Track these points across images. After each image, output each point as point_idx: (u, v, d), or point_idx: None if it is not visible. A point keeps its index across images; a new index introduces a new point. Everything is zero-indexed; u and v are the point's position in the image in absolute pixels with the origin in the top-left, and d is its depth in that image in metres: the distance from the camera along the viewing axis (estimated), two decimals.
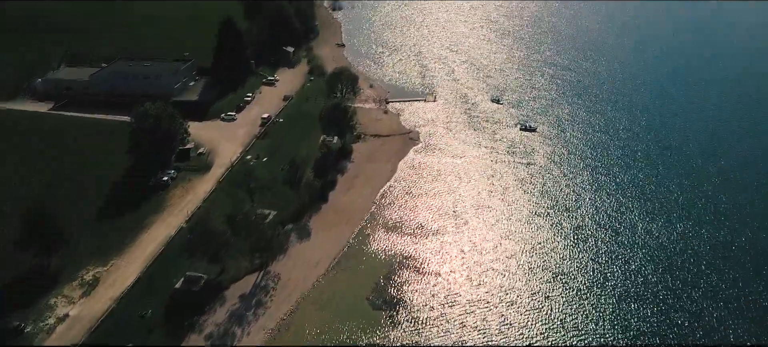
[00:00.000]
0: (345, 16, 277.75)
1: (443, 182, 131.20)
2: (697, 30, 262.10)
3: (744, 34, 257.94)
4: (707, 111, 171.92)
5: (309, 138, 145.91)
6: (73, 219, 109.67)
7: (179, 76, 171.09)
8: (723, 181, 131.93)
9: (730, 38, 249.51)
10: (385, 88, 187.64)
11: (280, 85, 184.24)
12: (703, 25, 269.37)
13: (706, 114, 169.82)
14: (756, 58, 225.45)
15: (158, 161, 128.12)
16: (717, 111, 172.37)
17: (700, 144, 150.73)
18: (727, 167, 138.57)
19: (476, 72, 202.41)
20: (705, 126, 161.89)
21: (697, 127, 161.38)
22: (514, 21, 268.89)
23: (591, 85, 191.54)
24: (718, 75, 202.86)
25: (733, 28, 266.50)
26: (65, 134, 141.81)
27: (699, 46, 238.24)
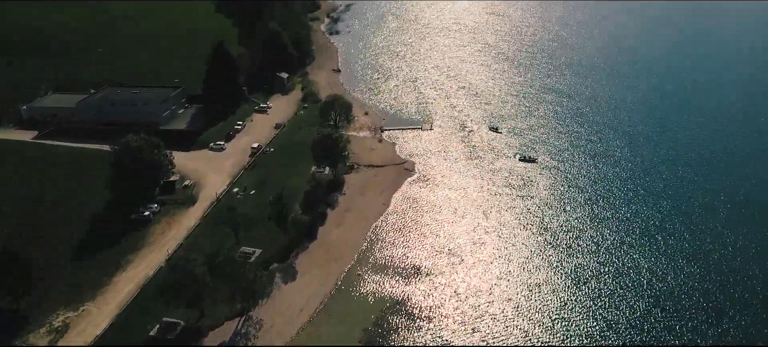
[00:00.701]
0: (342, 40, 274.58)
1: (438, 216, 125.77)
2: (702, 52, 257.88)
3: (751, 47, 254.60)
4: (715, 142, 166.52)
5: (299, 169, 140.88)
6: (48, 258, 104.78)
7: (168, 104, 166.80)
8: (732, 218, 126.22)
9: (737, 53, 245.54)
10: (381, 116, 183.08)
11: (273, 112, 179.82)
12: (707, 44, 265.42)
13: (714, 145, 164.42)
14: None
15: (140, 195, 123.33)
16: (725, 140, 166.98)
17: (706, 177, 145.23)
18: (736, 203, 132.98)
19: (474, 98, 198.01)
20: (711, 157, 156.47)
21: (704, 158, 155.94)
22: (513, 45, 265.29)
23: (591, 112, 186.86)
24: (725, 99, 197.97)
25: (740, 42, 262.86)
26: (46, 164, 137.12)
27: (704, 67, 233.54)
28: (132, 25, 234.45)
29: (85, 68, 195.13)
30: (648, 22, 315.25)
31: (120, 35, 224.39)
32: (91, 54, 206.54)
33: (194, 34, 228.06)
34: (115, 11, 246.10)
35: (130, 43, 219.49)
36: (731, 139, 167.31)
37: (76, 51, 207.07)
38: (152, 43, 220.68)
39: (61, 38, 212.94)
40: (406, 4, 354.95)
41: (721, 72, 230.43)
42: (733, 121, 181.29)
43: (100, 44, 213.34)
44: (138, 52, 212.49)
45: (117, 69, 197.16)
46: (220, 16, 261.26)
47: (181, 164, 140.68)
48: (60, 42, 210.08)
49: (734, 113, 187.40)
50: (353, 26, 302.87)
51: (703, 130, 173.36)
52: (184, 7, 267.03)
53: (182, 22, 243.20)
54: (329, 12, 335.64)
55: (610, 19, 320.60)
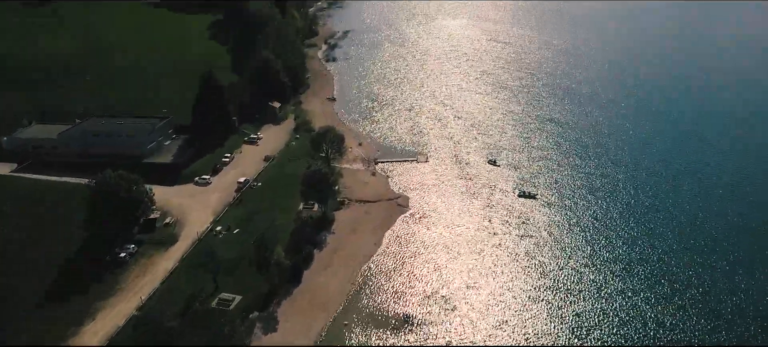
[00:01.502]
0: (339, 67, 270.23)
1: (432, 257, 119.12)
2: (707, 82, 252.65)
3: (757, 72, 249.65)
4: (722, 174, 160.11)
5: (287, 205, 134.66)
6: (9, 308, 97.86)
7: (154, 135, 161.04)
8: (743, 258, 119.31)
9: (744, 81, 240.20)
10: (375, 147, 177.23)
11: (263, 143, 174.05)
12: (713, 74, 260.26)
13: (721, 178, 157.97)
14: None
15: (117, 234, 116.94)
16: (733, 173, 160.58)
17: (713, 212, 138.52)
18: (746, 241, 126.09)
19: (471, 128, 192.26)
20: (718, 191, 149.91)
21: (709, 192, 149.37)
22: (512, 73, 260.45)
23: (592, 143, 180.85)
24: (732, 130, 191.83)
25: (746, 69, 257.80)
26: (20, 200, 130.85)
27: (708, 97, 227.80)
28: (123, 52, 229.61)
29: (72, 97, 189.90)
30: (651, 51, 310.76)
31: (110, 63, 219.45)
32: (79, 83, 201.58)
33: (186, 62, 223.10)
34: (106, 38, 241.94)
35: (120, 71, 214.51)
36: (739, 172, 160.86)
37: (64, 80, 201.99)
38: (143, 70, 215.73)
39: (47, 67, 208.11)
40: (404, 31, 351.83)
41: (727, 102, 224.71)
42: (741, 152, 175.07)
43: (88, 72, 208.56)
44: (128, 81, 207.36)
45: (105, 98, 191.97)
46: (214, 42, 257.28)
47: (163, 199, 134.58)
48: (47, 71, 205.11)
49: (742, 144, 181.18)
50: (350, 53, 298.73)
51: (709, 163, 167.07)
52: (178, 33, 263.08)
53: (175, 49, 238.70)
54: (327, 38, 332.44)
55: (611, 48, 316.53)
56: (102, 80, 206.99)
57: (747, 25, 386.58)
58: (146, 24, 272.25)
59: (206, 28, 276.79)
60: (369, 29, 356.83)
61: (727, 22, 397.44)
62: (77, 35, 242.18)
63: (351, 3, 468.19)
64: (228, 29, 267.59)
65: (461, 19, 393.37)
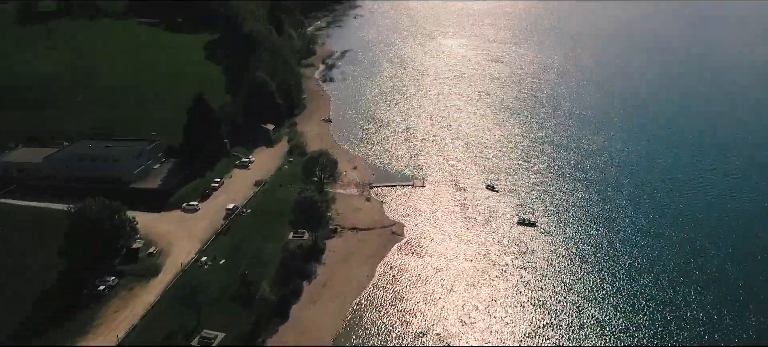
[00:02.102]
0: (336, 87, 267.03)
1: (426, 291, 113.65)
2: (714, 105, 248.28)
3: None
4: (727, 200, 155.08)
5: (276, 233, 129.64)
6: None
7: (142, 159, 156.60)
8: (753, 292, 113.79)
9: (748, 104, 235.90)
10: (370, 171, 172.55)
11: (255, 167, 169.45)
12: (720, 96, 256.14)
13: (726, 204, 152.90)
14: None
15: (97, 266, 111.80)
16: (738, 200, 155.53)
17: (720, 243, 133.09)
18: (754, 272, 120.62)
19: (469, 151, 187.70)
20: (725, 219, 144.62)
21: (716, 220, 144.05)
22: (511, 93, 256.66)
23: (593, 167, 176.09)
24: (738, 154, 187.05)
25: (752, 92, 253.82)
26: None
27: (714, 121, 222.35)
28: (116, 72, 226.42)
29: (63, 119, 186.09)
30: (655, 70, 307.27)
31: (102, 83, 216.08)
32: (70, 103, 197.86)
33: (180, 82, 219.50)
34: (100, 58, 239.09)
35: (112, 91, 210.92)
36: (745, 198, 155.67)
37: (54, 100, 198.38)
38: (136, 91, 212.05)
39: (38, 87, 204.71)
40: (403, 51, 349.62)
41: (735, 124, 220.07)
42: (747, 178, 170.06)
43: (79, 93, 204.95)
44: (120, 101, 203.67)
45: (96, 119, 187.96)
46: (209, 62, 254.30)
47: (148, 227, 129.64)
48: (37, 91, 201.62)
49: (748, 169, 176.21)
50: (348, 73, 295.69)
51: (715, 187, 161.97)
52: (173, 53, 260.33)
53: (169, 69, 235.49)
54: (325, 58, 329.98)
55: (612, 68, 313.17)
56: (94, 101, 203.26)
57: (753, 46, 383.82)
58: (141, 43, 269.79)
59: (202, 47, 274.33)
60: (367, 49, 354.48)
61: (732, 44, 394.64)
62: (70, 55, 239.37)
63: (351, 22, 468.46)
64: (224, 49, 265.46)
65: (460, 39, 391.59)
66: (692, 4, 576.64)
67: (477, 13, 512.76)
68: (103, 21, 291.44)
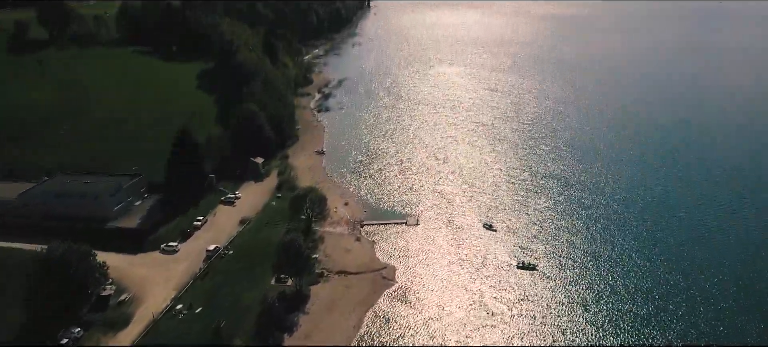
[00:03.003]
0: (331, 117, 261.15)
1: (415, 341, 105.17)
2: (726, 137, 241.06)
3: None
4: (741, 241, 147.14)
5: (259, 278, 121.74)
6: None
7: (121, 196, 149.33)
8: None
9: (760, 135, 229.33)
10: (362, 207, 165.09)
11: (241, 203, 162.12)
12: (732, 129, 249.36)
13: (741, 246, 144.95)
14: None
15: (62, 316, 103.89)
16: (756, 244, 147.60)
17: (732, 292, 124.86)
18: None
19: (466, 186, 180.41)
20: (737, 265, 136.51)
21: (728, 267, 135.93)
22: (510, 124, 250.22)
23: (595, 205, 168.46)
24: (754, 189, 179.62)
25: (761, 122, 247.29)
26: None
27: (725, 156, 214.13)
28: (105, 103, 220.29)
29: (45, 152, 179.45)
30: (661, 99, 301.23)
31: (90, 114, 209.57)
32: (55, 136, 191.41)
33: (170, 114, 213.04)
34: (89, 88, 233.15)
35: (99, 123, 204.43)
36: (759, 237, 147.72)
37: (38, 133, 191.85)
38: (124, 123, 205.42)
39: (22, 119, 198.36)
40: (400, 79, 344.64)
41: (745, 154, 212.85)
42: (760, 213, 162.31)
43: (64, 125, 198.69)
44: (107, 134, 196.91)
45: (81, 152, 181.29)
46: (201, 92, 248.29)
47: (123, 271, 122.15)
48: (21, 123, 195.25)
49: (763, 203, 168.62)
50: (344, 102, 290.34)
51: (723, 227, 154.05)
52: (165, 83, 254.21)
53: (160, 100, 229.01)
54: (321, 86, 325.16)
55: (613, 98, 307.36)
56: (79, 133, 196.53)
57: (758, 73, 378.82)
58: (133, 73, 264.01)
59: (195, 77, 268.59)
60: (364, 77, 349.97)
61: (737, 71, 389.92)
62: (59, 85, 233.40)
63: (349, 50, 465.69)
64: (218, 78, 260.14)
65: (458, 66, 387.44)
66: (696, 35, 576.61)
67: (475, 40, 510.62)
68: (96, 50, 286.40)
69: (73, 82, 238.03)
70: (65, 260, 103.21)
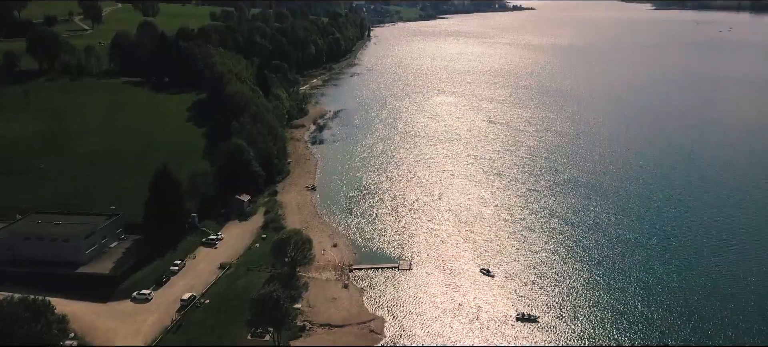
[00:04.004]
0: (325, 150, 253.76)
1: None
2: (738, 179, 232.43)
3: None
4: (752, 298, 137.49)
5: (235, 332, 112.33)
6: None
7: (95, 238, 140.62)
8: None
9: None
10: (352, 249, 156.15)
11: (223, 245, 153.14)
12: (746, 171, 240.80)
13: (752, 303, 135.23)
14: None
15: None
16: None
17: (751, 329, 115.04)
18: None
19: (462, 227, 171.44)
20: (752, 315, 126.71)
21: (740, 318, 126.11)
22: (508, 158, 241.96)
23: (598, 245, 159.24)
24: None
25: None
26: None
27: (736, 199, 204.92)
28: (90, 137, 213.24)
29: (21, 190, 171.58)
30: (667, 132, 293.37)
31: (72, 149, 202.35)
32: (33, 172, 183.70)
33: (156, 149, 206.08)
34: (74, 121, 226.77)
35: (82, 158, 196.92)
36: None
37: (16, 169, 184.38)
38: (107, 158, 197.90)
39: (3, 152, 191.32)
40: (397, 110, 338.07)
41: (755, 194, 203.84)
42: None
43: (43, 161, 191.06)
44: (89, 169, 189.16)
45: (58, 190, 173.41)
46: (190, 125, 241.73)
47: (89, 323, 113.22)
48: (0, 157, 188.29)
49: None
50: (339, 134, 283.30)
51: (740, 279, 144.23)
52: (153, 115, 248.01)
53: (146, 134, 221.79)
54: (317, 118, 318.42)
55: (618, 128, 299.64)
56: (60, 169, 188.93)
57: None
58: (121, 105, 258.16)
59: (185, 109, 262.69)
60: (361, 108, 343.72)
61: (746, 102, 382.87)
62: (43, 118, 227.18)
63: (348, 80, 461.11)
64: (208, 111, 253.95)
65: (457, 97, 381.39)
66: (702, 65, 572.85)
67: (475, 71, 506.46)
68: (86, 81, 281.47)
69: (58, 115, 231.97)
70: (15, 317, 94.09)
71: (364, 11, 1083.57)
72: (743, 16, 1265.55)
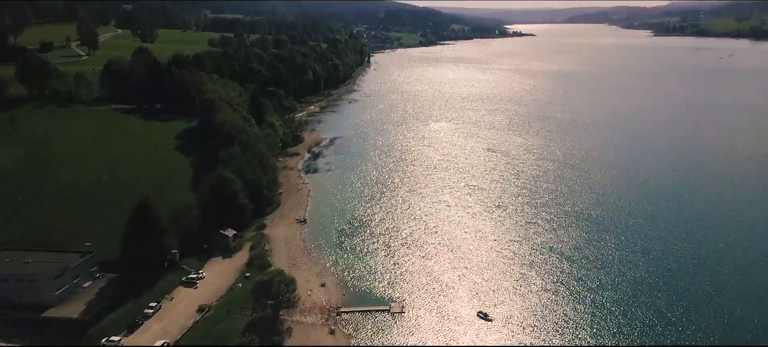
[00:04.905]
0: (319, 180, 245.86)
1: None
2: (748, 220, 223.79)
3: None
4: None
5: None
6: None
7: (66, 278, 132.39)
8: None
9: None
10: (340, 288, 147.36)
11: (204, 285, 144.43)
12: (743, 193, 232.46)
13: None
14: None
15: None
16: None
17: None
18: None
19: (458, 264, 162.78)
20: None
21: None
22: (507, 188, 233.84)
23: (601, 286, 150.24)
24: None
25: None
26: None
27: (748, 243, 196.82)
28: (74, 168, 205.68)
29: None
30: (673, 163, 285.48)
31: (54, 179, 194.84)
32: (9, 205, 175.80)
33: (141, 178, 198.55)
34: (59, 149, 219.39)
35: (63, 189, 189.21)
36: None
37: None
38: (89, 189, 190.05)
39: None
40: (393, 137, 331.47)
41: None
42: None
43: (24, 192, 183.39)
44: (69, 201, 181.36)
45: (36, 223, 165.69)
46: (179, 154, 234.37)
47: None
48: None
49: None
50: (333, 163, 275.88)
51: (751, 319, 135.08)
52: (142, 144, 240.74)
53: (133, 164, 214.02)
54: (312, 146, 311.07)
55: (622, 159, 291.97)
56: (38, 201, 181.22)
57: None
58: (110, 133, 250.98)
59: (176, 137, 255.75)
60: (357, 135, 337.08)
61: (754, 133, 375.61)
62: (26, 147, 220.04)
63: (345, 107, 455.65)
64: (199, 139, 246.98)
65: (455, 124, 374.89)
66: (706, 93, 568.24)
67: (474, 97, 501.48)
68: (75, 108, 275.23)
69: (42, 143, 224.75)
70: None
71: (365, 37, 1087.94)
72: (743, 43, 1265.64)
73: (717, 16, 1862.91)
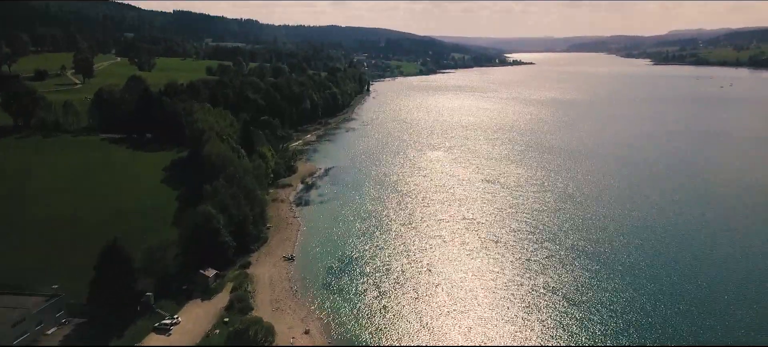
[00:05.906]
0: (311, 213, 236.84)
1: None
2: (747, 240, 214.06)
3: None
4: None
5: None
6: None
7: (26, 325, 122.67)
8: None
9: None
10: (325, 334, 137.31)
11: (178, 331, 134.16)
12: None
13: None
14: None
15: None
16: None
17: None
18: None
19: (454, 305, 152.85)
20: None
21: None
22: (506, 222, 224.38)
23: (605, 332, 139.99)
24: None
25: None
26: None
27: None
28: (50, 199, 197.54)
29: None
30: (678, 195, 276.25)
31: (25, 215, 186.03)
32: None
33: (121, 214, 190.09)
34: (37, 183, 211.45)
35: (38, 224, 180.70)
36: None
37: None
38: (65, 227, 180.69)
39: None
40: (389, 167, 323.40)
41: None
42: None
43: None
44: (38, 240, 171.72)
45: (4, 262, 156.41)
46: (165, 187, 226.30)
47: None
48: None
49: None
50: (326, 194, 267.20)
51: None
52: (127, 176, 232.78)
53: (115, 198, 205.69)
54: (306, 176, 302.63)
55: (625, 191, 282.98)
56: (7, 238, 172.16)
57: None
58: (95, 164, 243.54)
59: (163, 169, 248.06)
60: (353, 165, 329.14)
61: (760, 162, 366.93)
62: (2, 180, 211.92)
63: (342, 135, 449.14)
64: (187, 171, 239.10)
65: (453, 153, 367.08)
66: (709, 121, 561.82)
67: (473, 126, 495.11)
68: (61, 138, 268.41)
69: (20, 175, 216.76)
70: None
71: (365, 66, 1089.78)
72: (742, 72, 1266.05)
73: (715, 45, 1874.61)
